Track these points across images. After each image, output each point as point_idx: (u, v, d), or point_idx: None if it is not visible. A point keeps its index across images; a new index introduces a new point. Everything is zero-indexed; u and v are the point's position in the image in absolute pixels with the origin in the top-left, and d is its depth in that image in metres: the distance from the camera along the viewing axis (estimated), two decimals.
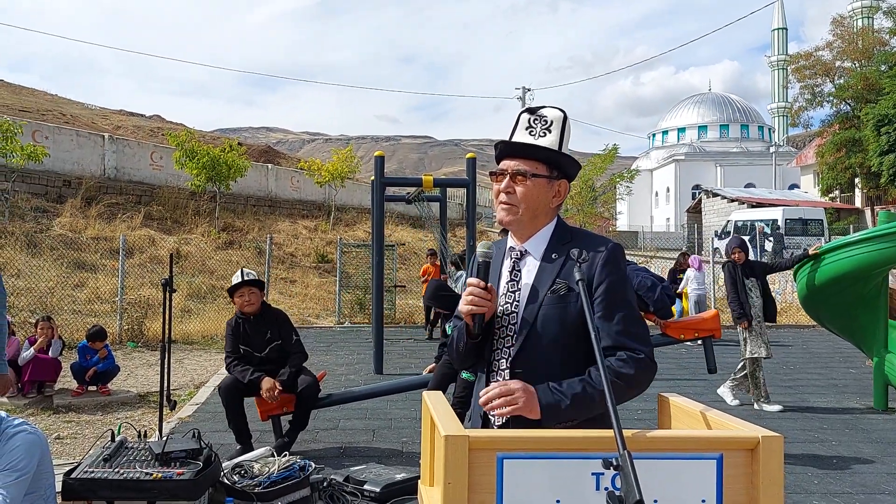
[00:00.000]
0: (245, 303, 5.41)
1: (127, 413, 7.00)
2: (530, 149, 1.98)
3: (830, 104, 37.93)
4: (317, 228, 23.89)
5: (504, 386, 1.79)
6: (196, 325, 12.48)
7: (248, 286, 5.44)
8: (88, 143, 20.71)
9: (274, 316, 5.57)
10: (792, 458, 5.40)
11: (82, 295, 13.03)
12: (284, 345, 5.47)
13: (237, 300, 5.45)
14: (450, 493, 1.48)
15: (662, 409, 2.08)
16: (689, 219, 43.12)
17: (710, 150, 60.60)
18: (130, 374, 8.86)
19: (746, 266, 7.38)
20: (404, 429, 6.25)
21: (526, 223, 2.01)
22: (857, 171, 33.32)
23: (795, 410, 7.16)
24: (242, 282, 5.45)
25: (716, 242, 28.16)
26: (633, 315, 1.94)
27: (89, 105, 41.57)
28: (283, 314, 5.67)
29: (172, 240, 17.41)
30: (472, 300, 1.92)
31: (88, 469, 3.61)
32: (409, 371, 9.06)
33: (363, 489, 4.46)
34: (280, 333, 5.48)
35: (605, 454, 1.39)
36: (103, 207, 18.68)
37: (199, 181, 19.99)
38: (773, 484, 1.55)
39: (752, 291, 7.27)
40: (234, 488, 4.06)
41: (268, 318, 5.51)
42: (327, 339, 12.14)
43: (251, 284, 5.46)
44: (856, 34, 37.80)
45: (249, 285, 5.45)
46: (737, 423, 1.70)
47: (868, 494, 4.65)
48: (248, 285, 5.44)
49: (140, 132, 32.46)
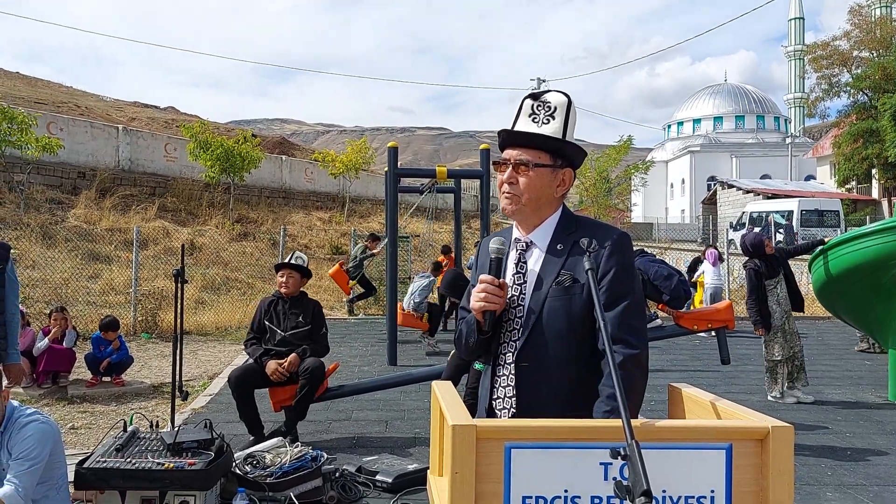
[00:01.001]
0: (283, 283, 5.59)
1: (141, 404, 7.06)
2: (533, 137, 1.94)
3: (847, 94, 37.44)
4: (331, 220, 23.94)
5: None
6: (210, 317, 12.55)
7: (289, 268, 5.62)
8: (103, 135, 20.84)
9: (309, 304, 5.68)
10: (806, 449, 5.36)
11: (97, 286, 13.13)
12: (312, 334, 5.53)
13: (277, 279, 5.66)
14: (457, 483, 1.48)
15: (673, 398, 2.07)
16: (704, 210, 42.81)
17: (726, 141, 60.14)
18: (144, 364, 8.93)
19: (772, 259, 7.10)
20: (418, 420, 6.26)
21: (529, 213, 1.99)
22: (874, 161, 32.92)
23: (810, 402, 7.11)
24: (287, 263, 5.67)
25: (731, 234, 27.98)
26: (634, 306, 1.91)
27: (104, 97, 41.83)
28: (318, 305, 5.76)
29: (187, 231, 17.50)
30: (486, 297, 1.91)
31: (100, 459, 3.64)
32: (422, 363, 9.07)
33: (375, 479, 4.48)
34: (311, 321, 5.56)
35: (614, 444, 1.38)
36: (118, 199, 18.79)
37: (214, 173, 20.06)
38: (782, 475, 1.53)
39: (778, 288, 7.02)
40: (246, 478, 4.09)
41: (302, 304, 5.64)
42: (341, 330, 12.17)
43: (294, 268, 5.63)
44: (874, 23, 37.23)
45: (292, 268, 5.62)
46: (747, 413, 1.68)
47: (882, 486, 4.61)
48: (291, 268, 5.62)
49: (154, 124, 32.64)
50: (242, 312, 12.74)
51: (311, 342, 5.48)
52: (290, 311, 5.55)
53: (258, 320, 5.58)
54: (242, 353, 9.42)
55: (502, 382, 1.97)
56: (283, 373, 5.27)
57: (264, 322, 5.54)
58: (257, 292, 14.52)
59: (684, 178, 58.06)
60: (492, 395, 2.01)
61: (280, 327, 5.50)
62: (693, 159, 56.80)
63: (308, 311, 5.59)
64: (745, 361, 9.40)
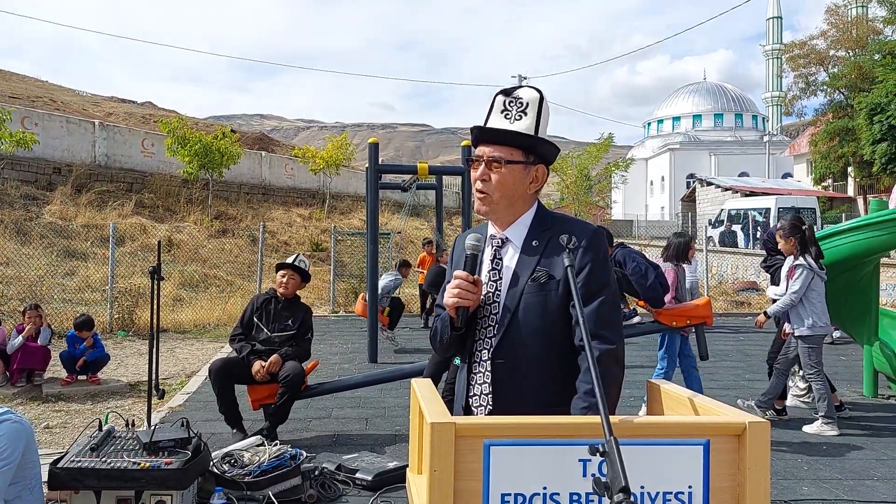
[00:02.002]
0: (282, 283, 5.58)
1: (117, 402, 6.97)
2: (505, 134, 1.93)
3: (824, 93, 37.92)
4: (311, 216, 23.82)
5: None
6: (188, 315, 12.43)
7: (292, 270, 5.62)
8: (79, 130, 20.56)
9: (300, 308, 5.67)
10: (782, 444, 5.41)
11: (72, 283, 12.96)
12: (297, 337, 5.52)
13: (278, 277, 5.64)
14: (436, 481, 1.47)
15: (652, 395, 2.08)
16: (684, 207, 43.19)
17: (705, 139, 60.63)
18: (121, 363, 8.83)
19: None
20: (398, 417, 6.24)
21: (503, 211, 1.99)
22: (849, 160, 33.37)
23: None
24: (290, 264, 5.66)
25: (709, 231, 28.25)
26: (610, 302, 1.92)
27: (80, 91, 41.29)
28: (309, 310, 5.76)
29: (164, 228, 17.33)
30: (459, 293, 1.90)
31: (75, 458, 3.58)
32: (403, 360, 9.04)
33: (355, 477, 4.46)
34: (298, 325, 5.56)
35: (592, 440, 1.38)
36: (94, 195, 18.56)
37: (192, 168, 19.88)
38: (759, 469, 1.54)
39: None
40: (223, 477, 4.05)
41: (294, 308, 5.63)
42: (321, 328, 12.08)
43: (296, 270, 5.62)
44: (850, 23, 37.72)
45: (294, 270, 5.62)
46: (724, 409, 1.69)
47: (857, 480, 4.66)
48: (293, 270, 5.62)
49: (131, 119, 32.28)
50: (221, 310, 12.63)
51: (295, 345, 5.47)
52: (281, 312, 5.54)
53: (248, 315, 5.57)
54: (220, 352, 9.36)
55: (479, 379, 1.97)
56: (266, 375, 5.25)
57: (254, 318, 5.53)
58: (236, 290, 14.42)
59: (664, 176, 58.46)
60: (468, 391, 2.00)
61: (268, 326, 5.48)
62: (672, 157, 57.20)
63: (298, 315, 5.59)
64: (723, 357, 9.49)
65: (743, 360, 9.37)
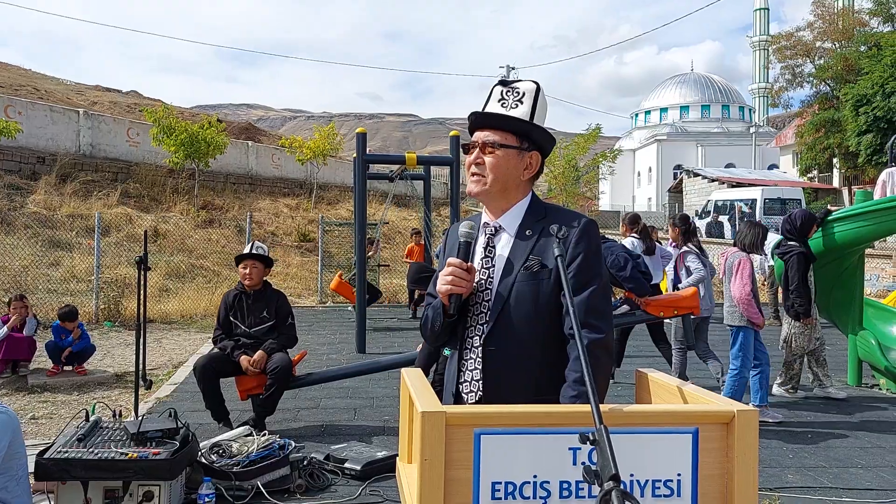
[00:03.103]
0: (246, 275, 5.42)
1: (103, 393, 6.94)
2: (500, 119, 1.97)
3: (810, 85, 38.15)
4: (298, 207, 23.71)
5: None
6: (175, 305, 12.38)
7: (252, 259, 5.44)
8: (63, 119, 20.34)
9: (273, 296, 5.55)
10: (768, 432, 5.47)
11: (57, 274, 12.86)
12: (278, 326, 5.44)
13: (240, 270, 5.48)
14: (427, 470, 1.47)
15: (640, 384, 2.09)
16: (671, 199, 43.35)
17: (692, 130, 60.83)
18: (107, 353, 8.78)
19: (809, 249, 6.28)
20: (386, 407, 6.25)
21: (496, 195, 2.00)
22: (835, 151, 33.59)
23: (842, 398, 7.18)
24: (248, 254, 5.48)
25: (696, 222, 28.36)
26: (601, 291, 1.94)
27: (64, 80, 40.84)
28: (283, 296, 5.65)
29: (150, 218, 17.20)
30: (453, 280, 1.91)
31: (62, 449, 3.57)
32: (392, 351, 9.05)
33: (344, 467, 4.46)
34: (276, 314, 5.46)
35: (582, 429, 1.38)
36: (79, 185, 18.39)
37: (178, 158, 19.70)
38: (747, 457, 1.55)
39: (812, 273, 6.28)
40: (212, 468, 4.05)
41: (266, 297, 5.50)
42: (309, 318, 12.09)
43: (256, 258, 5.46)
44: (836, 15, 37.89)
45: (254, 259, 5.45)
46: (713, 397, 1.70)
47: (841, 468, 4.72)
48: (253, 259, 5.45)
49: (116, 108, 31.97)
50: (208, 300, 12.58)
51: (278, 335, 5.42)
52: (254, 305, 5.43)
53: (223, 316, 5.46)
54: (208, 342, 9.32)
55: (469, 366, 1.98)
56: (254, 370, 5.22)
57: (230, 318, 5.44)
58: (223, 280, 14.35)
59: (651, 167, 58.66)
60: (459, 378, 2.01)
61: (245, 323, 5.40)
62: (660, 148, 57.39)
63: (272, 304, 5.48)
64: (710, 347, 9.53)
65: (728, 350, 9.41)
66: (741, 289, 5.73)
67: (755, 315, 5.75)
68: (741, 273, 5.79)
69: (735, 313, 5.86)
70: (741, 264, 5.84)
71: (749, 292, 5.77)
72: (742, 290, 5.72)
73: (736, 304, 5.80)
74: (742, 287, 5.74)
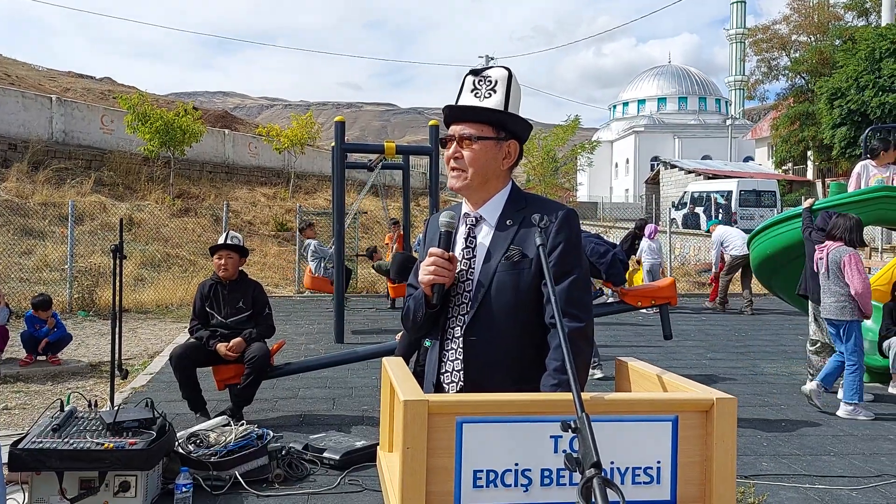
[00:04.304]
0: (221, 266, 5.36)
1: (78, 383, 6.85)
2: (475, 111, 1.96)
3: (786, 78, 38.53)
4: (276, 196, 23.53)
5: None
6: (150, 294, 12.25)
7: (226, 249, 5.39)
8: (35, 106, 19.97)
9: (249, 287, 5.50)
10: (743, 421, 5.54)
11: (30, 262, 12.66)
12: (255, 316, 5.41)
13: (215, 261, 5.42)
14: (409, 458, 1.47)
15: (620, 373, 2.10)
16: (648, 190, 43.66)
17: (669, 122, 61.23)
18: (82, 343, 8.67)
19: None
20: (365, 397, 6.24)
21: (477, 188, 2.00)
22: (809, 143, 33.96)
23: (746, 375, 7.35)
24: (222, 244, 5.42)
25: (673, 213, 28.63)
26: (581, 281, 1.95)
27: (36, 66, 40.05)
28: (259, 286, 5.61)
29: (125, 206, 16.97)
30: (435, 270, 1.91)
31: (36, 439, 3.52)
32: (370, 341, 9.03)
33: (323, 457, 4.45)
34: (252, 304, 5.43)
35: (564, 417, 1.39)
36: (51, 172, 18.07)
37: (153, 146, 19.44)
38: (726, 444, 1.57)
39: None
40: (189, 458, 4.02)
41: (242, 287, 5.46)
42: (287, 308, 12.04)
43: (231, 249, 5.40)
44: (812, 8, 38.27)
45: (229, 249, 5.39)
46: (692, 385, 1.71)
47: (814, 455, 4.80)
48: (228, 249, 5.39)
49: (90, 95, 31.47)
50: (184, 290, 12.47)
51: (255, 325, 5.39)
52: (230, 296, 5.38)
53: (199, 306, 5.41)
54: (184, 332, 9.24)
55: (450, 356, 1.98)
56: (231, 356, 5.19)
57: (205, 308, 5.40)
58: (199, 269, 14.23)
59: (629, 158, 58.99)
60: (440, 369, 2.01)
61: (221, 314, 5.36)
62: (637, 139, 57.71)
63: (249, 294, 5.44)
64: (686, 337, 9.67)
65: (705, 340, 9.55)
66: (862, 283, 5.70)
67: (870, 307, 5.80)
68: (855, 268, 5.73)
69: (847, 308, 5.77)
70: (851, 259, 5.77)
71: (868, 285, 5.81)
72: (863, 284, 5.70)
73: (851, 299, 5.73)
74: (862, 281, 5.71)
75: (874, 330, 7.01)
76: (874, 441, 5.16)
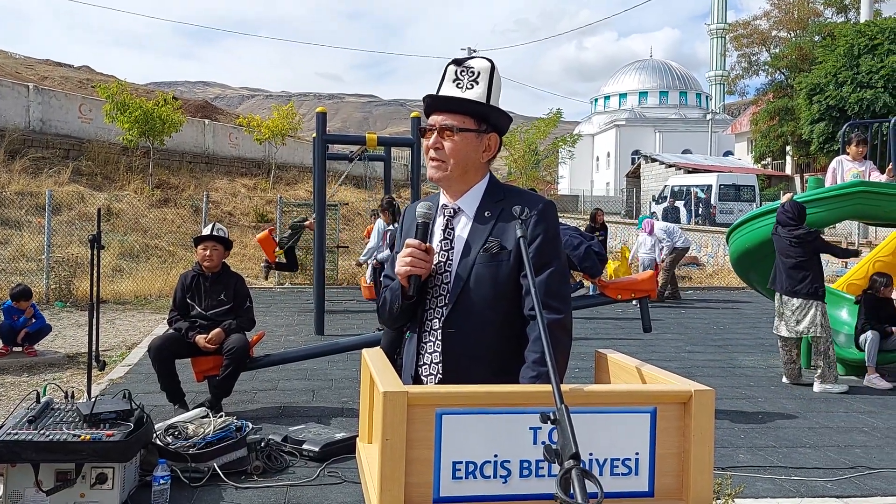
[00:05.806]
0: (205, 257, 5.33)
1: (54, 374, 6.78)
2: (457, 102, 1.94)
3: (766, 73, 38.86)
4: (256, 187, 23.38)
5: None
6: (128, 285, 12.13)
7: (212, 241, 5.36)
8: (11, 94, 19.65)
9: (231, 279, 5.48)
10: (720, 413, 5.60)
11: (6, 253, 12.50)
12: (236, 309, 5.38)
13: (199, 252, 5.38)
14: (388, 450, 1.47)
15: (599, 365, 2.11)
16: (628, 183, 43.87)
17: (650, 116, 61.51)
18: (59, 334, 8.57)
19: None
20: (345, 389, 6.23)
21: (456, 179, 1.99)
22: (788, 139, 34.28)
23: (724, 368, 7.42)
24: (208, 235, 5.39)
25: (653, 207, 28.82)
26: (559, 273, 1.95)
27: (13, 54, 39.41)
28: (241, 279, 5.58)
29: (103, 196, 16.77)
30: (412, 261, 1.90)
31: (12, 431, 3.48)
32: (350, 332, 9.01)
33: (302, 449, 4.44)
34: (234, 297, 5.40)
35: (543, 408, 1.39)
36: (28, 161, 17.82)
37: (132, 136, 19.21)
38: (703, 436, 1.58)
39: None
40: (167, 449, 3.99)
41: (224, 280, 5.43)
42: (267, 300, 11.97)
43: (216, 241, 5.38)
44: (792, 5, 38.58)
45: (214, 241, 5.37)
46: (671, 377, 1.72)
47: (790, 447, 4.86)
48: (213, 241, 5.36)
49: (68, 83, 31.03)
50: (163, 281, 12.37)
51: (235, 317, 5.36)
52: (212, 288, 5.36)
53: (179, 297, 5.38)
54: (162, 323, 9.16)
55: (429, 349, 1.98)
56: (211, 348, 5.15)
57: (186, 299, 5.36)
58: (178, 260, 14.11)
59: (610, 152, 59.23)
60: (418, 361, 2.01)
61: (202, 306, 5.32)
62: (618, 133, 57.94)
63: (230, 287, 5.42)
64: (665, 330, 9.74)
65: (683, 333, 9.64)
66: None
67: None
68: None
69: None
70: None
71: None
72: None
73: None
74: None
75: (850, 324, 7.10)
76: (849, 433, 5.24)
